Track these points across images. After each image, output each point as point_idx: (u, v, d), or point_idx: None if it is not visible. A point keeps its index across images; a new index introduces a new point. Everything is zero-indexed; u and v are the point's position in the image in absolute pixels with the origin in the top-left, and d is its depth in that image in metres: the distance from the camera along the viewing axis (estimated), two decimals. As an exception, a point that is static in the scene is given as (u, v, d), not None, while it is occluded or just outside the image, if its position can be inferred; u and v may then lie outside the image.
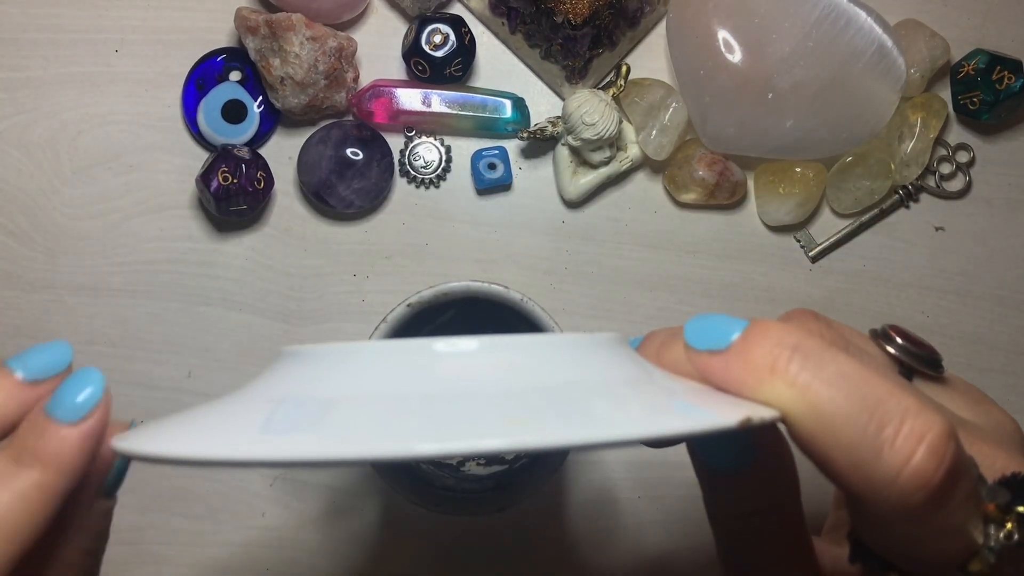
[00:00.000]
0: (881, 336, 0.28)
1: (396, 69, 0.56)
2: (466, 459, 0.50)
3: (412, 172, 0.56)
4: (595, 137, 0.53)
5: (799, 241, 0.57)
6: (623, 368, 0.24)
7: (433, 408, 0.22)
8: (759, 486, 0.26)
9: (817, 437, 0.23)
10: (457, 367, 0.23)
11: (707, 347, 0.25)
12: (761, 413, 0.22)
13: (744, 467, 0.26)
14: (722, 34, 0.52)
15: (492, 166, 0.56)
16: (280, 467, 0.22)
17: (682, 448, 0.28)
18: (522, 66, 0.57)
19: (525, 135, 0.54)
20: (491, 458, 0.50)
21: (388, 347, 0.24)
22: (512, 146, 0.57)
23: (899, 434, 0.22)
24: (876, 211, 0.57)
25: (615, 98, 0.55)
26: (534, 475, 0.48)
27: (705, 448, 0.27)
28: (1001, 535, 0.23)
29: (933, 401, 0.25)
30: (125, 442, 0.23)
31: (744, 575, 0.27)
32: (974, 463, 0.24)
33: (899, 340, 0.28)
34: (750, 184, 0.57)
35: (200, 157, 0.55)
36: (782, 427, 0.26)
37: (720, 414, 0.22)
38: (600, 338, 0.25)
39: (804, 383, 0.23)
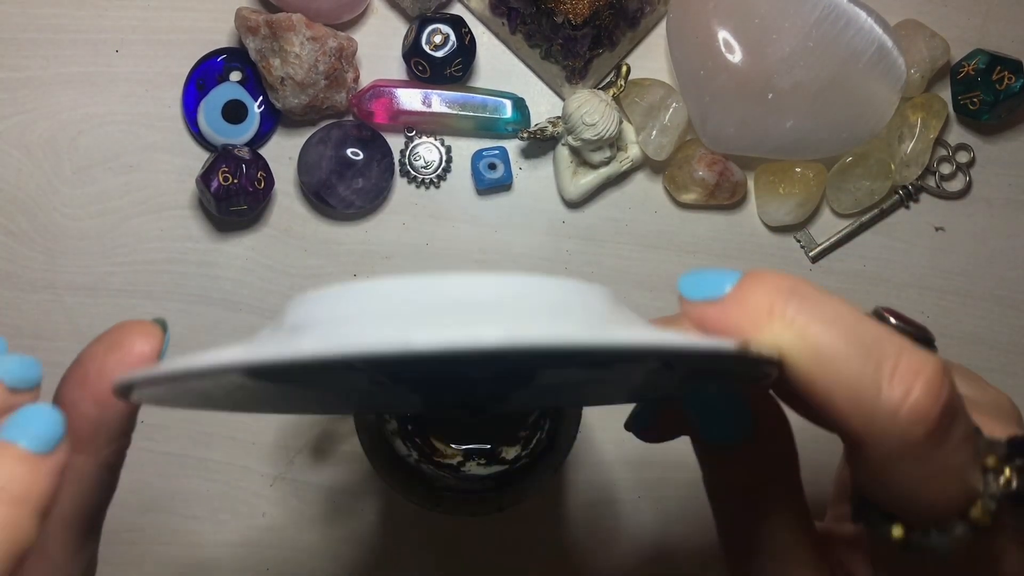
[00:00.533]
0: (874, 316, 0.28)
1: (396, 69, 0.56)
2: (467, 458, 0.50)
3: (412, 172, 0.56)
4: (595, 137, 0.53)
5: (799, 241, 0.57)
6: (621, 312, 0.25)
7: (430, 312, 0.22)
8: (759, 460, 0.26)
9: (817, 377, 0.23)
10: (458, 287, 0.23)
11: (703, 297, 0.25)
12: (759, 346, 0.23)
13: (744, 436, 0.26)
14: (722, 34, 0.52)
15: (492, 166, 0.56)
16: (261, 374, 0.21)
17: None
18: (522, 66, 0.57)
19: (525, 135, 0.54)
20: (491, 457, 0.50)
21: (388, 281, 0.23)
22: (512, 146, 0.57)
23: (897, 370, 0.22)
24: (876, 211, 0.57)
25: (615, 98, 0.55)
26: (535, 475, 0.48)
27: (706, 418, 0.27)
28: (1000, 481, 0.23)
29: None
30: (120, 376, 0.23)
31: (745, 553, 0.27)
32: (971, 419, 0.24)
33: (892, 320, 0.28)
34: (750, 184, 0.57)
35: (200, 157, 0.55)
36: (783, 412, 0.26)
37: (718, 340, 0.22)
38: (598, 288, 0.25)
39: (802, 324, 0.23)
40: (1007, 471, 0.24)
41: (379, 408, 0.44)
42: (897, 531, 0.24)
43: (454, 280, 0.23)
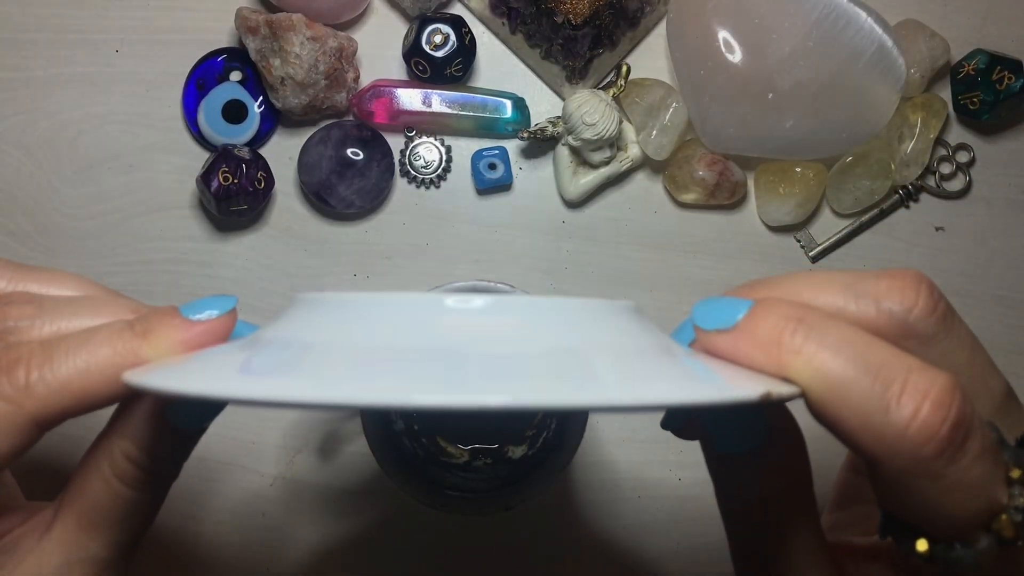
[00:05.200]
0: None
1: (396, 69, 0.56)
2: (473, 457, 0.50)
3: (412, 172, 0.56)
4: (595, 137, 0.53)
5: (799, 241, 0.57)
6: (650, 337, 0.25)
7: (434, 361, 0.21)
8: (772, 470, 0.27)
9: (827, 401, 0.23)
10: (463, 324, 0.23)
11: (715, 327, 0.25)
12: (780, 389, 0.23)
13: (758, 447, 0.26)
14: (722, 34, 0.52)
15: (492, 166, 0.56)
16: (255, 406, 0.22)
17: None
18: (522, 66, 0.57)
19: (525, 135, 0.54)
20: (498, 457, 0.50)
21: (395, 299, 0.23)
22: (512, 146, 0.57)
23: (904, 390, 0.22)
24: (876, 211, 0.57)
25: (615, 98, 0.55)
26: (541, 474, 0.48)
27: (722, 430, 0.27)
28: None
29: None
30: (128, 374, 0.24)
31: (757, 567, 0.27)
32: (992, 424, 0.24)
33: None
34: (750, 184, 0.57)
35: (200, 157, 0.55)
36: (790, 407, 0.26)
37: (741, 388, 0.22)
38: (618, 305, 0.25)
39: (810, 352, 0.23)
40: None
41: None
42: (921, 545, 0.25)
43: (455, 320, 0.22)
